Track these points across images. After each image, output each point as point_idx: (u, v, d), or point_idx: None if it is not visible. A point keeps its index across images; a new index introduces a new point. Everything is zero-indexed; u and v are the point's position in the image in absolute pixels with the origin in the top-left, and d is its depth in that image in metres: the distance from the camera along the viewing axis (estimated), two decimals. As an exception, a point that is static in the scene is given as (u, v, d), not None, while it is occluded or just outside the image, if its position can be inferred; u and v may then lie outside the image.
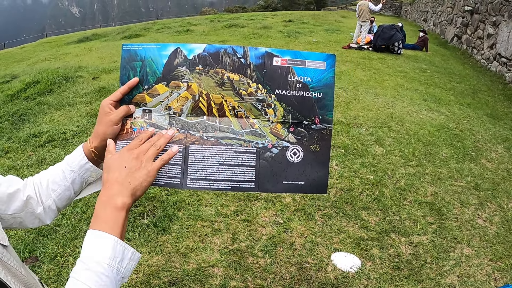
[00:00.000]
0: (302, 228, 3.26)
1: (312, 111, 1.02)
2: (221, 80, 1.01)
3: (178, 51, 1.02)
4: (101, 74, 8.15)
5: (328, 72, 1.03)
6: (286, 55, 1.02)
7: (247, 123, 1.01)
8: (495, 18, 11.30)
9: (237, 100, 1.01)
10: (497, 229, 3.48)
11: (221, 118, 1.01)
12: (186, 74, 1.01)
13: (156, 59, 1.01)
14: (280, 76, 1.02)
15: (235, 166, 0.99)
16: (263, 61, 1.02)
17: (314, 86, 1.03)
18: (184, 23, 19.65)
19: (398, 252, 3.07)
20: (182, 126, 1.00)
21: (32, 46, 18.51)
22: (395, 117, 5.86)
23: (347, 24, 19.56)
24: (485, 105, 7.90)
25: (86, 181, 1.05)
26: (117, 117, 0.98)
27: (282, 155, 1.01)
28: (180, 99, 1.01)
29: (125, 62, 1.02)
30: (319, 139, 1.03)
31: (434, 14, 19.96)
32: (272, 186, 1.01)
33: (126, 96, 1.01)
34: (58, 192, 1.01)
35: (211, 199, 3.55)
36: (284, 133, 1.02)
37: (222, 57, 1.02)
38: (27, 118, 5.73)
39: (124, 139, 0.99)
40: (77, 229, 3.12)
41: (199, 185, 0.98)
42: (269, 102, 1.02)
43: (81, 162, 1.01)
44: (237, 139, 1.00)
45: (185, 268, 2.78)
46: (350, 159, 4.40)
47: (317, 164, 1.02)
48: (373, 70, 9.42)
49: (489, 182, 4.29)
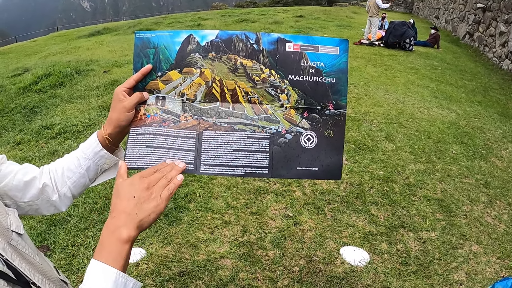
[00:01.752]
0: (312, 221, 3.27)
1: (325, 96, 1.02)
2: (234, 66, 1.01)
3: (191, 37, 1.02)
4: (112, 68, 8.19)
5: (341, 57, 1.02)
6: (298, 40, 1.02)
7: (260, 109, 1.01)
8: (508, 15, 11.17)
9: (250, 86, 1.01)
10: (506, 227, 3.47)
11: (235, 104, 1.00)
12: (199, 60, 1.01)
13: (169, 46, 1.01)
14: (293, 62, 1.01)
15: (249, 152, 0.99)
16: (276, 46, 1.02)
17: (327, 71, 1.02)
18: (195, 17, 19.64)
19: (406, 247, 3.08)
20: (195, 112, 1.00)
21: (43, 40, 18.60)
22: (406, 113, 5.83)
23: (358, 20, 19.41)
24: (496, 103, 7.84)
25: (101, 168, 1.05)
26: (130, 103, 0.98)
27: (295, 141, 1.00)
28: (193, 85, 1.01)
29: (138, 49, 1.03)
30: (333, 125, 1.02)
31: (446, 11, 19.76)
32: (286, 172, 1.00)
33: (139, 83, 1.01)
34: (73, 179, 1.02)
35: (221, 191, 3.58)
36: (298, 119, 1.01)
37: (235, 43, 1.02)
38: (39, 110, 5.79)
39: (138, 125, 1.00)
40: (89, 219, 3.17)
41: (213, 171, 0.98)
42: (282, 87, 1.01)
43: (96, 149, 1.02)
44: (250, 125, 1.00)
45: (195, 259, 2.81)
46: (360, 154, 4.40)
47: (331, 150, 1.01)
48: (384, 66, 9.37)
49: (499, 180, 4.27)
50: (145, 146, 0.99)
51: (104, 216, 3.19)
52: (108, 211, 3.21)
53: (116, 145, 1.05)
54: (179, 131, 0.99)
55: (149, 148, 0.99)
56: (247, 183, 3.71)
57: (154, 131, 0.99)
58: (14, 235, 0.84)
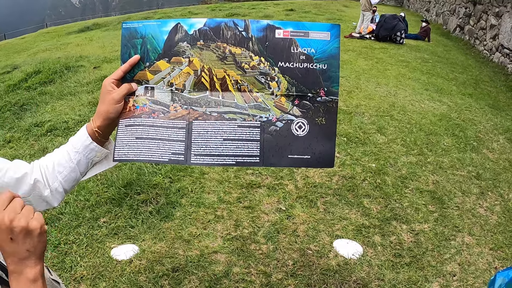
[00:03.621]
0: (305, 215, 3.27)
1: (317, 83, 1.01)
2: (223, 54, 1.00)
3: (179, 26, 1.01)
4: (102, 64, 8.13)
5: (332, 42, 1.01)
6: (288, 26, 1.01)
7: (250, 97, 1.00)
8: (498, 9, 11.22)
9: (240, 74, 1.00)
10: (498, 219, 3.50)
11: (224, 92, 1.00)
12: (187, 49, 1.00)
13: (156, 36, 1.00)
14: (283, 49, 1.00)
15: (239, 140, 0.98)
16: (265, 33, 1.01)
17: (318, 57, 1.01)
18: (185, 12, 19.54)
19: (399, 239, 3.09)
20: (185, 102, 0.99)
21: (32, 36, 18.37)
22: (397, 106, 5.85)
23: (349, 14, 19.41)
24: (487, 96, 7.88)
25: (92, 161, 1.04)
26: (119, 95, 0.98)
27: (287, 129, 1.00)
28: (182, 74, 1.00)
29: (125, 40, 1.02)
30: (325, 112, 1.01)
31: (437, 4, 19.81)
32: (277, 161, 1.00)
33: (127, 74, 1.01)
34: (64, 174, 1.01)
35: (213, 186, 3.56)
36: (289, 106, 1.00)
37: (223, 31, 1.01)
38: (28, 107, 5.73)
39: (127, 117, 0.99)
40: (80, 216, 3.14)
41: (203, 161, 0.97)
42: (272, 75, 1.00)
43: (85, 142, 1.01)
44: (240, 114, 0.99)
45: (188, 254, 2.80)
46: (352, 147, 4.40)
47: (323, 138, 1.01)
48: (375, 59, 9.38)
49: (491, 172, 4.29)
50: (135, 137, 0.98)
51: (96, 213, 3.17)
52: (100, 208, 3.20)
53: (106, 137, 1.04)
54: (169, 121, 0.99)
55: (139, 139, 0.98)
56: (239, 178, 3.70)
57: (143, 122, 0.99)
58: None
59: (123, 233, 2.99)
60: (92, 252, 2.81)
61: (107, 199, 3.32)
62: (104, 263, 2.71)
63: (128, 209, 3.21)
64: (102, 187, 3.44)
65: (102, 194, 3.37)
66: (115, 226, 3.05)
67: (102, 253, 2.80)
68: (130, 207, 3.24)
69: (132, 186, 3.43)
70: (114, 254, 2.79)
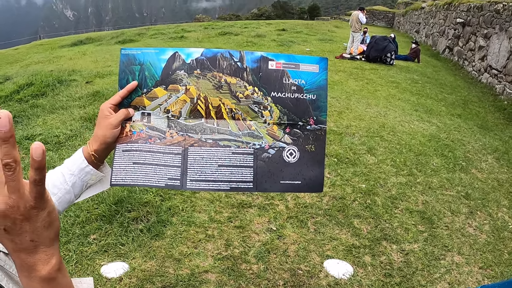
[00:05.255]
0: (295, 235, 3.28)
1: (306, 112, 1.05)
2: (219, 83, 1.03)
3: (176, 55, 1.03)
4: (94, 79, 8.14)
5: (321, 74, 1.06)
6: (280, 58, 1.05)
7: (244, 125, 1.03)
8: (487, 30, 11.46)
9: (234, 103, 1.03)
10: (487, 238, 3.53)
11: (219, 120, 1.02)
12: (184, 77, 1.03)
13: (154, 63, 1.03)
14: (276, 79, 1.04)
15: (234, 167, 1.01)
16: (259, 64, 1.04)
17: (308, 88, 1.05)
18: (178, 29, 19.67)
19: (389, 259, 3.10)
20: (180, 128, 1.01)
21: (25, 48, 18.37)
22: (387, 127, 5.91)
23: (340, 34, 19.70)
24: (476, 116, 8.00)
25: (86, 183, 1.05)
26: (116, 120, 0.99)
27: (278, 156, 1.03)
28: (178, 102, 1.02)
29: (124, 66, 1.04)
30: (314, 139, 1.05)
31: (426, 26, 20.18)
32: (270, 186, 1.02)
33: (125, 99, 1.03)
34: (58, 195, 1.01)
35: (204, 205, 3.56)
36: (280, 134, 1.04)
37: (219, 61, 1.04)
38: (20, 120, 5.70)
39: (124, 142, 1.01)
40: (70, 233, 3.12)
41: (199, 186, 0.99)
42: (265, 104, 1.04)
43: (81, 165, 1.02)
44: (235, 141, 1.02)
45: (178, 273, 2.78)
46: (342, 167, 4.44)
47: (312, 164, 1.04)
48: (366, 80, 9.50)
49: (479, 191, 4.34)
50: (132, 162, 1.00)
51: (86, 230, 3.14)
52: (90, 225, 3.17)
53: (102, 161, 1.05)
54: (165, 147, 1.00)
55: (135, 164, 0.99)
56: (230, 197, 3.70)
57: (140, 148, 1.00)
58: (1, 255, 0.83)
59: (113, 251, 2.97)
60: (81, 269, 2.78)
61: (98, 215, 3.30)
62: (93, 280, 2.68)
63: (118, 227, 3.20)
64: (92, 203, 3.42)
65: (93, 211, 3.36)
66: (105, 243, 3.03)
67: (92, 270, 2.78)
68: (120, 224, 3.22)
69: (123, 204, 3.42)
70: (104, 272, 2.76)
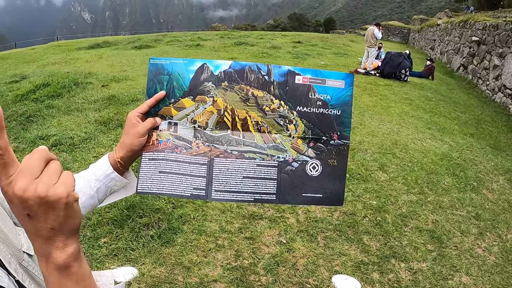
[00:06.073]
0: (305, 249, 3.29)
1: (331, 127, 1.06)
2: (246, 96, 1.05)
3: (205, 66, 1.06)
4: (110, 82, 8.23)
5: (346, 90, 1.07)
6: (307, 73, 1.07)
7: (269, 138, 1.05)
8: (502, 49, 11.42)
9: (261, 116, 1.05)
10: (495, 259, 3.51)
11: (245, 132, 1.04)
12: (212, 89, 1.05)
13: (183, 74, 1.05)
14: (302, 94, 1.06)
15: (258, 179, 1.03)
16: (286, 78, 1.06)
17: (333, 103, 1.07)
18: (194, 37, 19.79)
19: (397, 277, 3.10)
20: (207, 139, 1.04)
21: (42, 48, 18.58)
22: (400, 144, 5.91)
23: (355, 49, 19.71)
24: (489, 136, 7.96)
25: (110, 189, 1.07)
26: (143, 129, 1.01)
27: (302, 169, 1.05)
28: (205, 113, 1.04)
29: (152, 75, 1.06)
30: (337, 154, 1.07)
31: (441, 43, 20.14)
32: (292, 199, 1.04)
33: (152, 108, 1.05)
34: (82, 200, 1.02)
35: (216, 215, 3.59)
36: (304, 148, 1.05)
37: (247, 74, 1.06)
38: (35, 119, 5.79)
39: (151, 150, 1.03)
40: (81, 235, 3.16)
41: (223, 197, 1.02)
42: (291, 118, 1.06)
43: (107, 171, 1.04)
44: (260, 153, 1.04)
45: (187, 281, 2.81)
46: (354, 183, 4.44)
47: (334, 178, 1.06)
48: (380, 96, 9.50)
49: (490, 212, 4.32)
50: (158, 171, 1.02)
51: (97, 233, 3.19)
52: (101, 228, 3.21)
53: (127, 168, 1.07)
54: (191, 157, 1.02)
55: (162, 173, 1.02)
56: (241, 208, 3.73)
57: (166, 157, 1.02)
58: (25, 256, 0.85)
59: (123, 255, 3.01)
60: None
61: (109, 219, 3.35)
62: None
63: (129, 232, 3.23)
64: (104, 207, 3.47)
65: (104, 214, 3.40)
66: (116, 247, 3.07)
67: (102, 274, 2.80)
68: (131, 229, 3.26)
69: (134, 209, 3.46)
70: (113, 276, 2.79)
